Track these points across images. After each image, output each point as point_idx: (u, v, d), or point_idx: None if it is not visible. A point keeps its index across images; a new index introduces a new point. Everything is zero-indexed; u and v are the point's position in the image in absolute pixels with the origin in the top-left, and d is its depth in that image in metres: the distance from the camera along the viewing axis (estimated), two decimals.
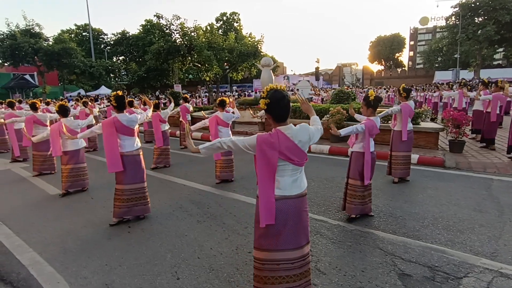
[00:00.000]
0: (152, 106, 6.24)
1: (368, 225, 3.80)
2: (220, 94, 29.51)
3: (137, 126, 4.27)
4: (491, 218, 3.89)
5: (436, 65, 52.47)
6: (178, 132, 10.74)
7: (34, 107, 7.02)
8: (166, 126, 7.36)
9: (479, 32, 31.74)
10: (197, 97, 28.88)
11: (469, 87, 11.18)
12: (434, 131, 7.62)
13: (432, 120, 11.93)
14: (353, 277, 2.76)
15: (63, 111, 5.45)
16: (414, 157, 6.77)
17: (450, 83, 14.00)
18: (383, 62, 67.08)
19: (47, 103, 14.32)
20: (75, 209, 4.63)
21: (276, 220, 2.08)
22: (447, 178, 5.65)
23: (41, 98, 21.93)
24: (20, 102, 14.36)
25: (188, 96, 10.29)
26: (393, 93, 23.10)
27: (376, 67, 65.79)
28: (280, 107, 2.08)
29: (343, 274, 2.80)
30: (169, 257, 3.17)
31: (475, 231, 3.55)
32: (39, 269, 3.03)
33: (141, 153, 4.23)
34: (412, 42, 78.84)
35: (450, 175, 5.85)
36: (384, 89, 28.29)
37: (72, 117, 5.75)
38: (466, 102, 10.05)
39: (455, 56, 36.50)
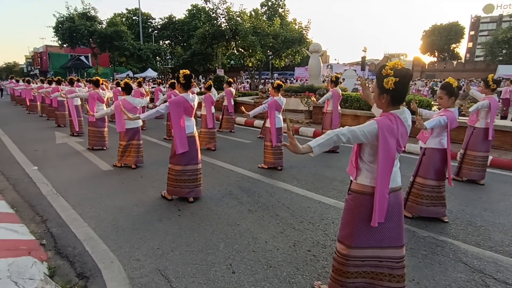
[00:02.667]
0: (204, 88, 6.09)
1: (444, 232, 3.31)
2: (262, 81, 29.14)
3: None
4: None
5: (500, 58, 47.27)
6: (219, 116, 10.60)
7: (96, 84, 7.21)
8: (213, 109, 7.24)
9: None
10: (239, 82, 28.80)
11: None
12: None
13: (503, 118, 10.61)
14: None
15: (128, 89, 5.51)
16: None
17: None
18: (436, 53, 61.91)
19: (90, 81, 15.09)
20: (126, 187, 4.63)
21: (385, 216, 1.86)
22: None
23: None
24: (78, 80, 15.25)
25: (232, 80, 10.11)
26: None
27: (428, 59, 61.00)
28: (406, 87, 1.83)
29: None
30: (222, 247, 2.97)
31: None
32: (93, 245, 2.99)
33: (197, 134, 4.10)
34: (472, 32, 71.73)
35: None
36: (439, 81, 26.01)
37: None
38: None
39: None
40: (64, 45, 39.26)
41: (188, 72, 3.90)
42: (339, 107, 6.89)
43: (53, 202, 4.01)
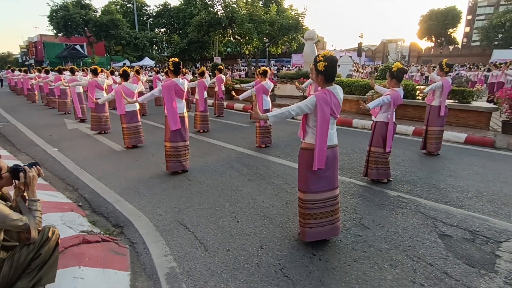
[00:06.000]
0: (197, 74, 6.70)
1: (410, 192, 3.99)
2: (259, 68, 29.47)
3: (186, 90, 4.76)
4: None
5: (495, 43, 47.60)
6: (212, 102, 11.05)
7: (95, 73, 7.80)
8: (206, 94, 7.84)
9: None
10: (236, 70, 29.13)
11: None
12: (486, 110, 7.31)
13: (492, 102, 11.19)
14: (395, 233, 3.03)
15: (125, 76, 6.12)
16: (462, 136, 6.65)
17: (507, 62, 12.86)
18: (433, 38, 62.02)
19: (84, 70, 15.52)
20: (140, 163, 5.26)
21: (325, 165, 2.58)
22: (497, 158, 5.55)
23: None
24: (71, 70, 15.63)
25: (222, 67, 10.63)
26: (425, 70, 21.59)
27: (425, 44, 61.18)
28: (334, 69, 2.52)
29: (386, 230, 3.08)
30: (228, 206, 3.64)
31: None
32: (122, 205, 3.65)
33: (187, 115, 4.76)
34: (469, 17, 71.68)
35: (500, 155, 5.72)
36: (433, 67, 26.45)
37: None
38: None
39: None
40: (59, 34, 39.16)
41: (177, 60, 4.54)
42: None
43: (79, 176, 4.65)
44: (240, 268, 2.51)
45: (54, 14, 37.20)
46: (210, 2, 25.46)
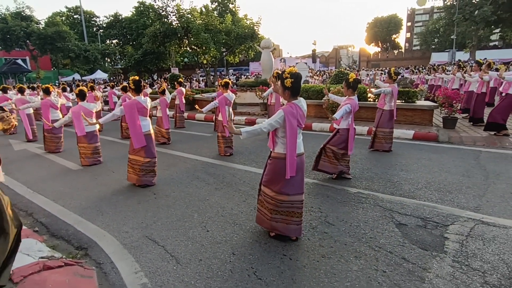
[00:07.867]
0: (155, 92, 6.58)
1: (369, 188, 4.28)
2: (218, 77, 29.51)
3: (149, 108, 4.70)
4: (477, 182, 4.38)
5: (433, 46, 52.49)
6: (172, 114, 10.91)
7: (47, 92, 7.34)
8: (168, 111, 7.75)
9: (476, 12, 31.65)
10: (195, 80, 28.90)
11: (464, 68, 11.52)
12: (429, 108, 8.06)
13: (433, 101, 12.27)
14: (357, 226, 3.24)
15: (82, 95, 5.85)
16: (410, 133, 7.25)
17: (443, 66, 14.28)
18: (380, 44, 66.79)
19: (33, 88, 14.51)
20: (100, 181, 5.03)
21: (295, 172, 2.74)
22: (440, 150, 6.13)
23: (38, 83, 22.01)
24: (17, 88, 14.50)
25: (182, 80, 10.66)
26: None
27: (373, 49, 65.61)
28: (299, 84, 2.73)
29: (349, 225, 3.28)
30: (196, 216, 3.62)
31: (462, 191, 4.05)
32: (84, 226, 3.47)
33: (153, 132, 4.70)
34: (409, 23, 78.39)
35: (443, 148, 6.33)
36: (381, 71, 28.48)
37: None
38: (460, 84, 10.49)
39: (452, 37, 36.59)
40: None
41: (137, 78, 4.52)
42: (281, 99, 7.71)
43: (33, 199, 4.33)
44: (214, 276, 2.52)
45: None
46: (164, 13, 25.06)
